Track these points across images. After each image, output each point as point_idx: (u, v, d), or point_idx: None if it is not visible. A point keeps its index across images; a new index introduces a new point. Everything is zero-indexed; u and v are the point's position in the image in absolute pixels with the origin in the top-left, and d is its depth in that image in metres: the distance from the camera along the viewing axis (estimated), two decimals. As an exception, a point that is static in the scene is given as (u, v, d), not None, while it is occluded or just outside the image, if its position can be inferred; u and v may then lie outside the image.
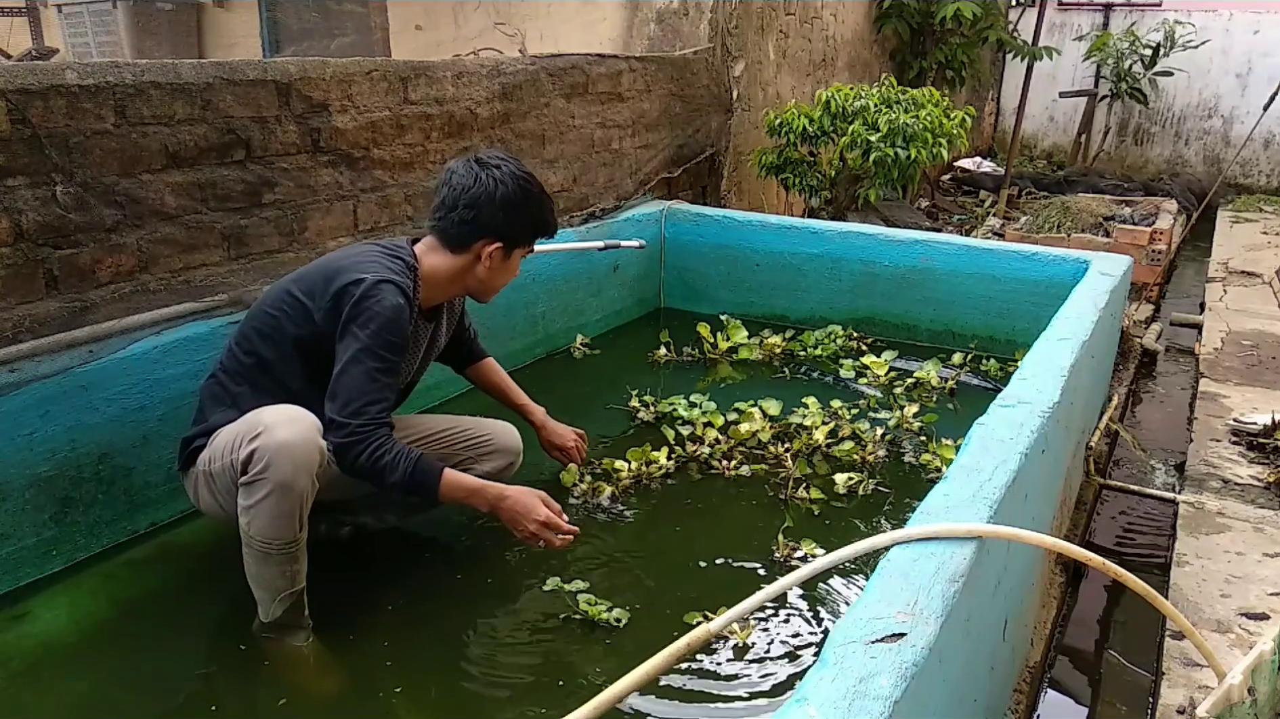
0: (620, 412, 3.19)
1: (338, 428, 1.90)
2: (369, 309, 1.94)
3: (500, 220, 2.08)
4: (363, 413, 1.91)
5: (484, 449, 2.34)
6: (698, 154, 4.81)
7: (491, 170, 2.08)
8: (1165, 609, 1.63)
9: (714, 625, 1.48)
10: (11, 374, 2.02)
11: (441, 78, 3.15)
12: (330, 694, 1.89)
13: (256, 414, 1.86)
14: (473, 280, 2.18)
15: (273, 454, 1.78)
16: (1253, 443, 3.33)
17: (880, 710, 1.08)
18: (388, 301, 1.96)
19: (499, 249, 2.12)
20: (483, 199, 2.06)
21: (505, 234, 2.11)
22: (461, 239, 2.10)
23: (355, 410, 1.91)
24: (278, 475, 1.78)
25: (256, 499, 1.80)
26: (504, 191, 2.06)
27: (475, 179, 2.06)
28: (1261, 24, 8.78)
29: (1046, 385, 2.14)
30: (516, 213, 2.09)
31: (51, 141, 2.10)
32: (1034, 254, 3.72)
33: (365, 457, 1.90)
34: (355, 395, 1.91)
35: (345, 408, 1.91)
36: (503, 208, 2.07)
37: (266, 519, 1.81)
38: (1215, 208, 8.01)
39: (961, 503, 1.56)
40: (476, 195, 2.06)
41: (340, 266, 2.02)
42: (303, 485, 1.81)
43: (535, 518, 2.05)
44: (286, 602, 1.91)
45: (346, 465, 1.92)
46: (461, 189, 2.07)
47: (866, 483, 2.69)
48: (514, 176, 2.08)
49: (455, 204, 2.07)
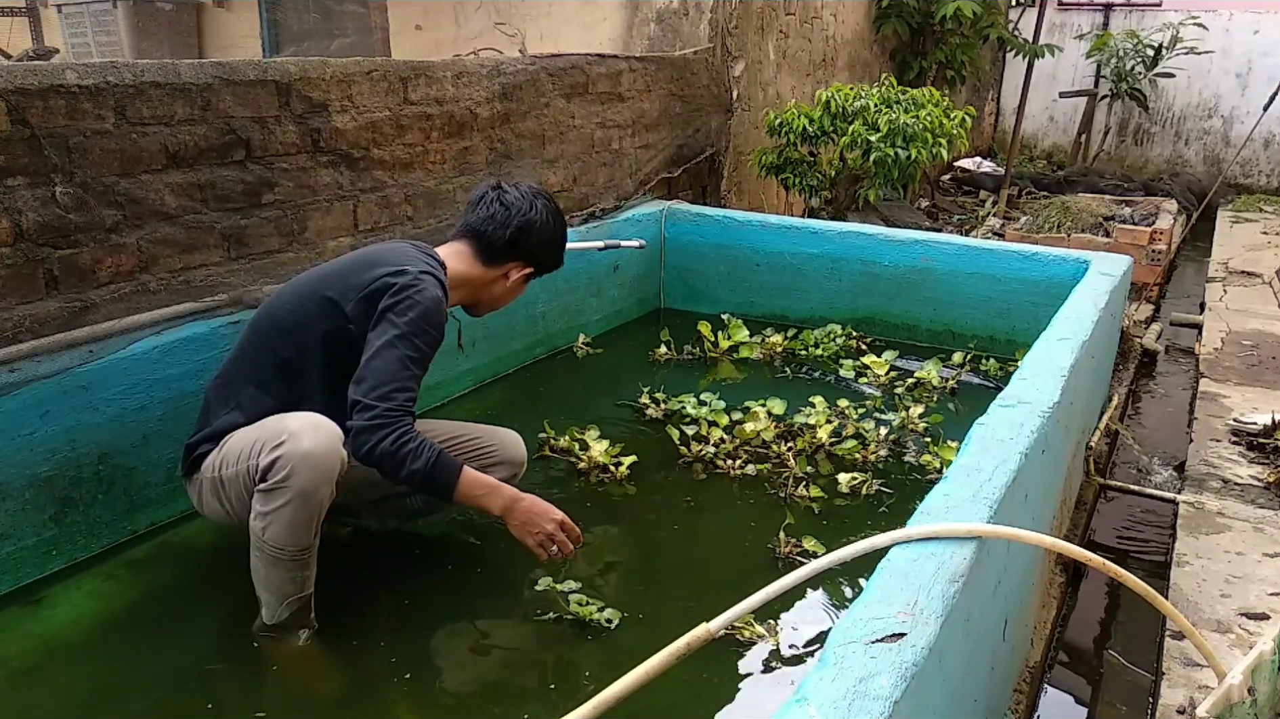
0: (627, 409, 3.19)
1: (363, 410, 1.86)
2: (410, 298, 1.94)
3: (541, 250, 2.23)
4: (391, 398, 1.88)
5: (490, 459, 2.30)
6: (698, 154, 4.81)
7: (543, 202, 2.22)
8: (1165, 609, 1.63)
9: (714, 625, 1.48)
10: (11, 374, 2.02)
11: (441, 78, 3.15)
12: (330, 694, 1.89)
13: (280, 420, 1.86)
14: (487, 295, 2.25)
15: (296, 463, 1.77)
16: (1253, 443, 3.33)
17: (880, 710, 1.08)
18: (430, 293, 1.97)
19: (527, 275, 2.25)
20: (534, 227, 2.18)
21: (538, 263, 2.25)
22: (501, 255, 2.19)
23: (383, 395, 1.87)
24: (300, 484, 1.78)
25: (275, 506, 1.80)
26: (551, 227, 2.23)
27: (531, 205, 2.19)
28: (1261, 24, 8.78)
29: (1046, 385, 2.14)
30: (554, 249, 2.27)
31: (51, 141, 2.10)
32: (1034, 254, 3.72)
33: (390, 442, 1.86)
34: (385, 380, 1.89)
35: (373, 391, 1.88)
36: (548, 240, 2.23)
37: (283, 526, 1.81)
38: (1215, 208, 8.01)
39: (961, 503, 1.56)
40: (530, 221, 2.18)
41: (378, 260, 2.03)
42: (323, 494, 1.82)
43: (553, 517, 2.04)
44: (294, 606, 1.91)
45: (366, 450, 1.87)
46: (517, 210, 2.17)
47: (870, 483, 2.69)
48: (556, 215, 2.24)
49: (508, 223, 2.16)
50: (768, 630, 2.04)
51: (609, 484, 2.67)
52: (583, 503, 2.57)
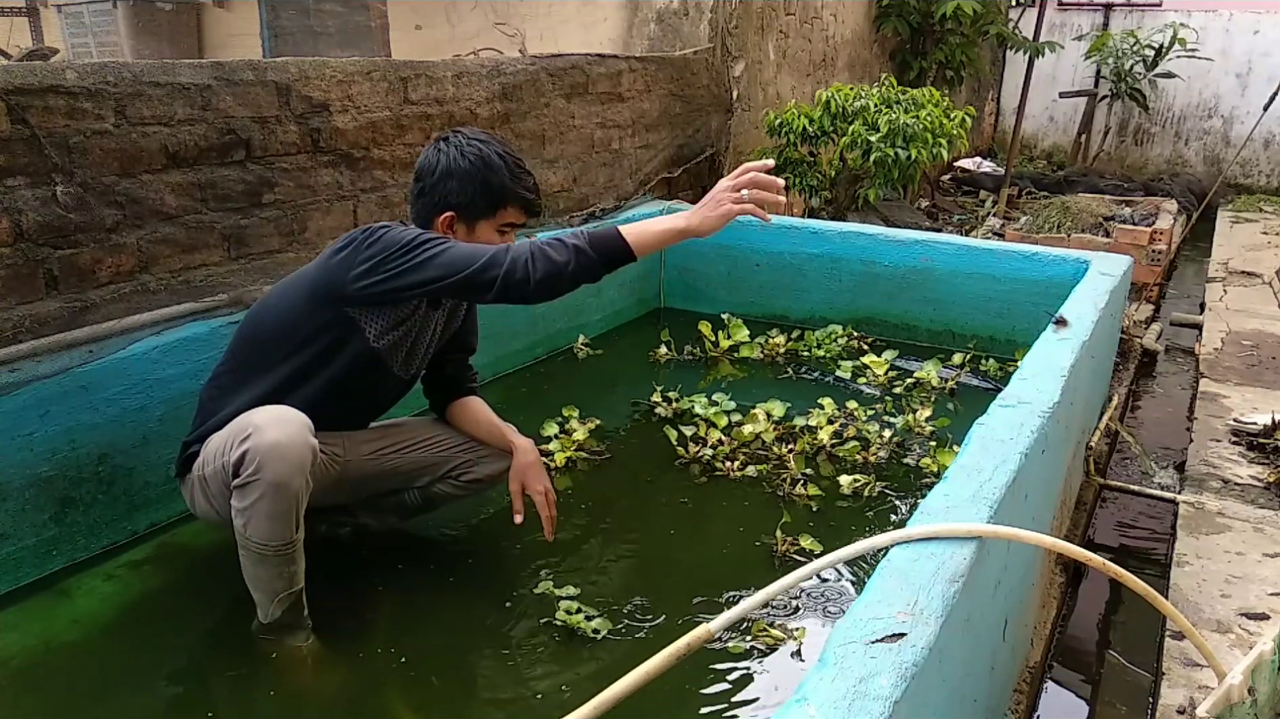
0: (627, 409, 3.19)
1: (495, 265, 1.81)
2: (380, 233, 1.89)
3: (449, 189, 2.01)
4: (494, 254, 1.82)
5: (482, 451, 2.29)
6: (698, 154, 4.81)
7: (450, 143, 2.04)
8: (1165, 609, 1.63)
9: (714, 625, 1.48)
10: (11, 374, 2.02)
11: (441, 78, 3.15)
12: (329, 694, 1.89)
13: (246, 416, 1.83)
14: None
15: (264, 455, 1.75)
16: (1253, 443, 3.33)
17: (880, 710, 1.07)
18: (396, 226, 1.92)
19: (453, 219, 2.03)
20: (435, 171, 2.01)
21: (455, 203, 2.02)
22: (422, 215, 2.06)
23: (494, 253, 1.82)
24: (270, 476, 1.76)
25: (250, 501, 1.79)
26: (453, 161, 2.01)
27: (434, 154, 2.04)
28: (1261, 24, 8.78)
29: (1046, 385, 2.13)
30: (466, 180, 2.01)
31: (51, 141, 2.10)
32: (1034, 254, 3.72)
33: (556, 251, 1.82)
34: (474, 252, 1.83)
35: (477, 257, 1.82)
36: (452, 177, 2.01)
37: (261, 521, 1.80)
38: (1215, 208, 8.01)
39: (961, 503, 1.56)
40: (430, 168, 2.03)
41: (348, 238, 1.97)
42: (296, 485, 1.79)
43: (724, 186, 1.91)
44: (285, 602, 1.90)
45: (539, 279, 1.81)
46: (421, 167, 2.05)
47: (873, 485, 2.69)
48: (470, 144, 2.03)
49: (419, 178, 2.05)
50: (768, 631, 2.04)
51: (606, 483, 2.68)
52: (579, 503, 2.57)
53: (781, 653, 2.00)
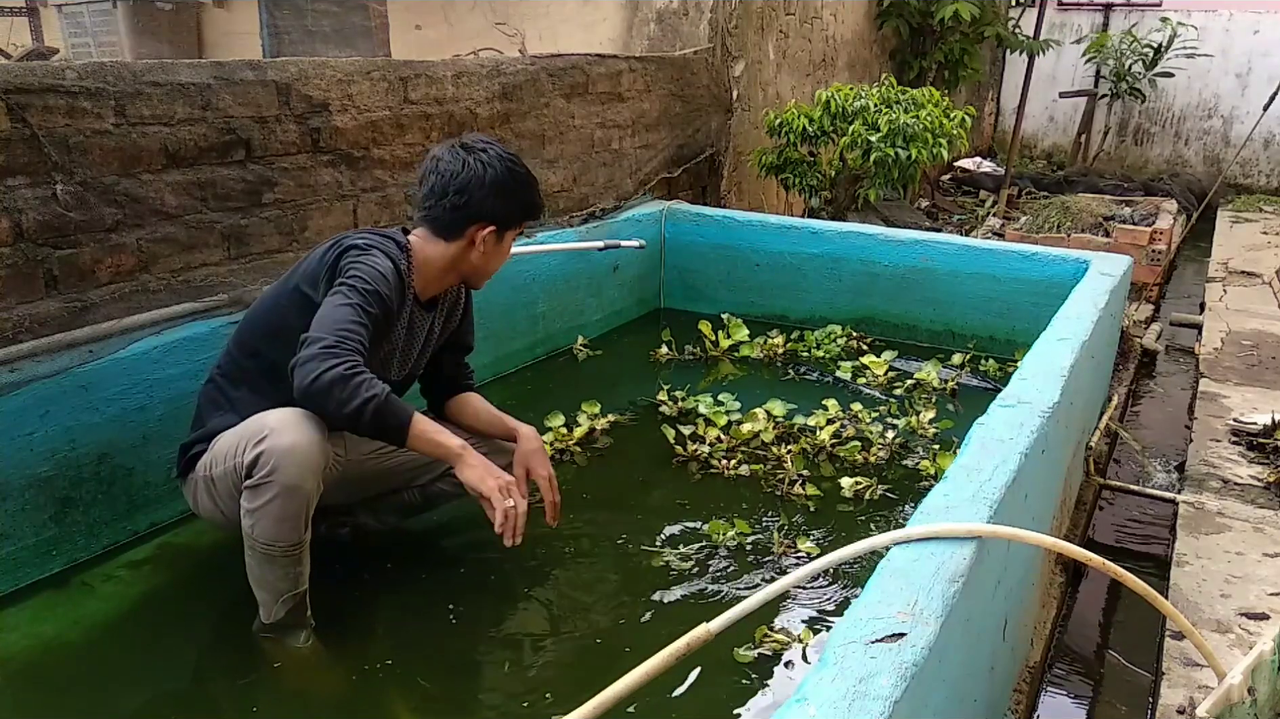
0: (626, 408, 3.19)
1: (311, 343, 1.78)
2: (355, 262, 1.92)
3: (491, 204, 2.05)
4: (343, 336, 1.80)
5: (482, 447, 2.29)
6: (698, 154, 4.81)
7: (478, 154, 2.04)
8: (1165, 609, 1.63)
9: (713, 625, 1.48)
10: (11, 374, 2.02)
11: (441, 78, 3.15)
12: (330, 694, 1.89)
13: (260, 418, 1.84)
14: (467, 266, 2.13)
15: (279, 457, 1.76)
16: (1253, 443, 3.33)
17: (880, 710, 1.08)
18: (375, 260, 1.93)
19: (492, 233, 2.07)
20: (473, 184, 2.03)
21: (497, 217, 2.07)
22: (454, 225, 2.06)
23: (332, 331, 1.80)
24: (284, 479, 1.77)
25: (262, 502, 1.79)
26: (493, 175, 2.03)
27: (463, 164, 2.04)
28: (1261, 24, 8.79)
29: (1046, 385, 2.14)
30: (507, 195, 2.06)
31: (51, 141, 2.10)
32: (1034, 254, 3.72)
33: (344, 368, 1.75)
34: (334, 324, 1.82)
35: (319, 328, 1.81)
36: (493, 191, 2.04)
37: (271, 522, 1.80)
38: (1215, 208, 8.01)
39: (961, 503, 1.56)
40: (466, 180, 2.03)
41: (337, 242, 2.00)
42: (309, 488, 1.80)
43: (496, 475, 1.95)
44: (289, 603, 1.90)
45: (311, 380, 1.74)
46: (450, 175, 2.04)
47: (874, 488, 2.68)
48: (501, 159, 2.06)
49: (445, 191, 2.04)
50: (768, 631, 2.04)
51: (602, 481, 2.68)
52: (575, 500, 2.58)
53: (781, 653, 1.99)
